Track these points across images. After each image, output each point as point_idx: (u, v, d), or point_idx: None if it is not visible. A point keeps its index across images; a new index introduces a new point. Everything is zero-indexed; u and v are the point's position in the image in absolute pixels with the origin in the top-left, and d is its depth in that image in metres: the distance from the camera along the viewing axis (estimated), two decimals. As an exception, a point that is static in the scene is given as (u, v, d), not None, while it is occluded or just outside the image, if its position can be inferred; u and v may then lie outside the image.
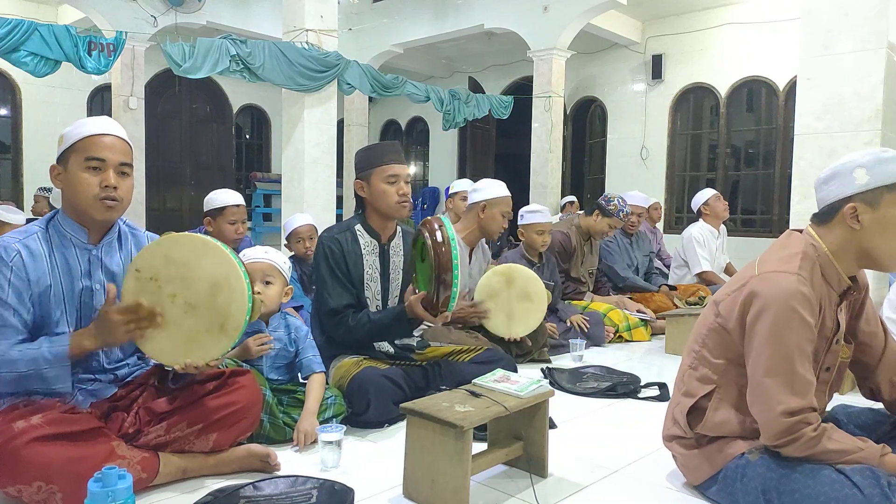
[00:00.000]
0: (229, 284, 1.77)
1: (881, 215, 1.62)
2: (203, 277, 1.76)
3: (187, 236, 1.84)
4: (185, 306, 1.76)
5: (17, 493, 1.61)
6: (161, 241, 1.81)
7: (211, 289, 1.76)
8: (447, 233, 2.22)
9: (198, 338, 1.77)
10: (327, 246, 2.53)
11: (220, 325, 1.77)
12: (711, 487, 1.79)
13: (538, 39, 8.65)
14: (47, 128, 9.13)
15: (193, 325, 1.76)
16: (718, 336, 1.76)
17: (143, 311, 1.72)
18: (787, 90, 8.28)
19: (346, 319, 2.47)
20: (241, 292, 1.77)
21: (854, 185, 1.64)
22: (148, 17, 7.94)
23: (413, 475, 1.83)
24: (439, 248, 2.18)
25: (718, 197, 5.10)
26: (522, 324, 3.36)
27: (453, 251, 2.19)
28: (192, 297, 1.76)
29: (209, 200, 3.47)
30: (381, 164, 2.54)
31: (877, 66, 3.50)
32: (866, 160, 1.63)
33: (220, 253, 1.79)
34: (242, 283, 1.78)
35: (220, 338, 1.77)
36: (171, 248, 1.78)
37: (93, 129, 1.79)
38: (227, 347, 1.80)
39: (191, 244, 1.80)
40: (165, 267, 1.76)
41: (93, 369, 1.86)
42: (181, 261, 1.77)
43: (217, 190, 3.56)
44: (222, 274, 1.77)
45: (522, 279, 3.35)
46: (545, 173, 8.68)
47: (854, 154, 1.68)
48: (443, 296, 2.22)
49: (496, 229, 3.41)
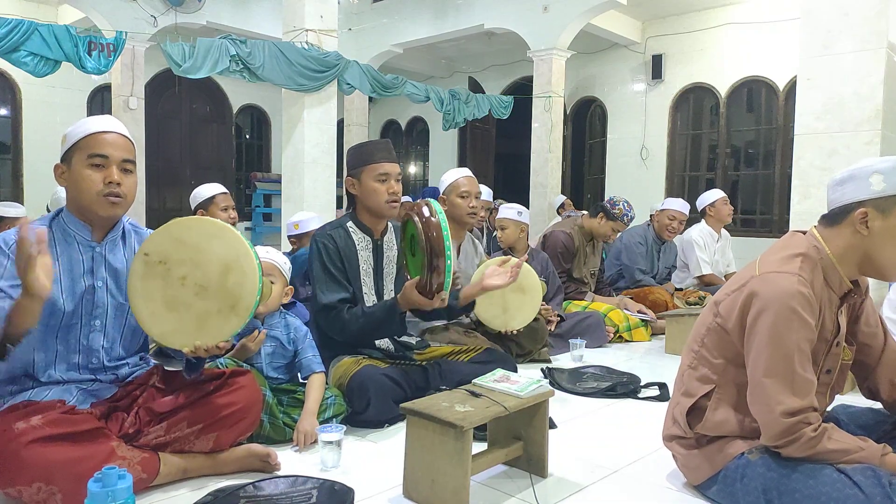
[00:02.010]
0: (240, 266, 1.77)
1: (891, 224, 1.62)
2: (214, 260, 1.77)
3: (198, 219, 1.85)
4: (195, 288, 1.76)
5: (17, 493, 1.61)
6: (171, 224, 1.81)
7: (222, 270, 1.77)
8: (437, 214, 2.18)
9: (209, 319, 1.77)
10: (321, 243, 2.53)
11: (231, 306, 1.77)
12: (711, 487, 1.79)
13: (538, 39, 8.65)
14: (47, 128, 9.14)
15: (204, 307, 1.77)
16: (718, 336, 1.76)
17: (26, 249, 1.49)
18: (787, 90, 8.28)
19: (340, 314, 2.47)
20: (252, 273, 1.78)
21: (869, 191, 1.63)
22: (148, 17, 7.94)
23: (413, 475, 1.83)
24: (430, 231, 2.14)
25: (726, 200, 5.09)
26: (517, 316, 3.35)
27: (444, 233, 2.15)
28: (203, 279, 1.76)
29: (196, 196, 3.60)
30: (372, 162, 2.54)
31: (877, 66, 3.50)
32: (885, 167, 1.62)
33: (232, 235, 1.80)
34: (253, 264, 1.78)
35: (230, 318, 1.77)
36: (182, 231, 1.79)
37: (96, 126, 1.80)
38: (237, 328, 1.80)
39: (202, 227, 1.81)
40: (176, 250, 1.76)
41: (93, 367, 1.86)
42: (192, 244, 1.77)
43: (199, 186, 3.69)
44: (233, 256, 1.77)
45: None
46: (545, 173, 8.68)
47: (872, 159, 1.67)
48: (436, 279, 2.20)
49: (461, 213, 3.27)
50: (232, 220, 3.54)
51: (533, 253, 4.10)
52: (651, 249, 4.93)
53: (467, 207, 3.29)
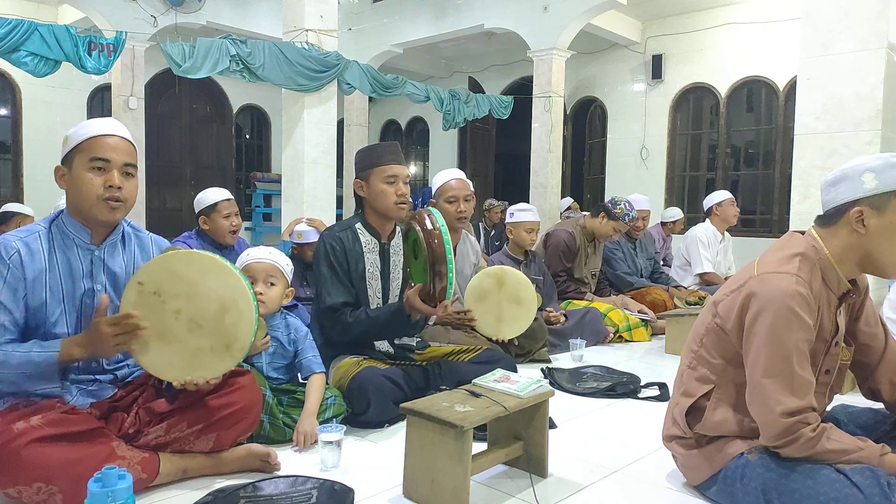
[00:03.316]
0: (238, 307, 1.78)
1: (888, 221, 1.62)
2: (211, 297, 1.76)
3: (196, 254, 1.84)
4: (189, 324, 1.76)
5: (17, 493, 1.61)
6: (167, 256, 1.80)
7: (219, 309, 1.77)
8: (437, 223, 2.23)
9: (201, 356, 1.77)
10: (329, 244, 2.53)
11: (226, 345, 1.78)
12: (711, 487, 1.79)
13: (538, 39, 8.65)
14: (47, 128, 9.13)
15: (198, 344, 1.77)
16: (717, 336, 1.76)
17: (132, 323, 1.68)
18: (787, 90, 8.28)
19: (343, 316, 2.47)
20: (249, 315, 1.78)
21: (862, 189, 1.63)
22: (148, 17, 7.94)
23: (413, 475, 1.83)
24: (432, 239, 2.20)
25: (733, 202, 5.14)
26: (511, 326, 3.35)
27: (445, 241, 2.20)
28: (198, 315, 1.76)
29: (200, 200, 3.55)
30: (380, 165, 2.55)
31: (877, 66, 3.51)
32: (876, 164, 1.62)
33: (230, 274, 1.80)
34: (251, 306, 1.79)
35: (224, 358, 1.79)
36: (176, 264, 1.77)
37: (97, 129, 1.80)
38: (230, 367, 1.82)
39: (198, 263, 1.79)
40: (169, 283, 1.75)
41: (93, 370, 1.86)
42: (186, 278, 1.76)
43: (204, 190, 3.64)
44: (231, 296, 1.77)
45: (514, 283, 3.34)
46: (545, 173, 8.68)
47: (863, 157, 1.67)
48: (439, 286, 2.24)
49: (451, 219, 3.26)
50: (235, 227, 3.49)
51: (531, 255, 4.10)
52: (626, 251, 5.01)
53: (455, 212, 3.31)
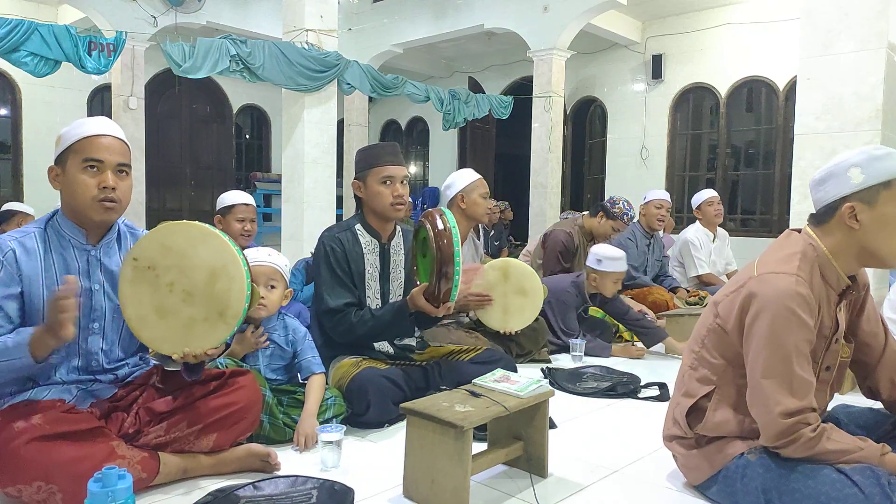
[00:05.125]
0: (227, 272, 1.75)
1: (879, 213, 1.62)
2: (200, 266, 1.75)
3: (184, 224, 1.81)
4: (182, 294, 1.75)
5: (17, 493, 1.61)
6: (158, 229, 1.79)
7: (209, 277, 1.75)
8: (449, 224, 2.24)
9: (196, 326, 1.75)
10: (328, 245, 2.53)
11: (218, 312, 1.75)
12: (711, 487, 1.79)
13: (538, 39, 8.65)
14: (47, 128, 9.12)
15: (191, 314, 1.75)
16: (717, 336, 1.76)
17: (62, 304, 1.56)
18: (787, 90, 8.28)
19: (347, 317, 2.47)
20: (240, 280, 1.76)
21: (850, 185, 1.64)
22: (148, 17, 7.94)
23: (413, 475, 1.83)
24: (441, 240, 2.20)
25: (711, 202, 5.05)
26: (518, 318, 3.37)
27: (455, 243, 2.20)
28: (190, 285, 1.75)
29: (220, 200, 3.62)
30: (378, 165, 2.55)
31: (877, 66, 3.51)
32: (860, 159, 1.63)
33: (219, 241, 1.78)
34: (241, 271, 1.76)
35: (218, 325, 1.76)
36: (167, 236, 1.76)
37: (90, 129, 1.79)
38: (226, 336, 1.78)
39: (187, 233, 1.78)
40: (162, 256, 1.74)
41: (93, 369, 1.86)
42: (177, 249, 1.75)
43: (229, 191, 3.72)
44: (220, 262, 1.75)
45: (518, 274, 3.38)
46: (545, 173, 8.68)
47: (846, 153, 1.67)
48: (444, 287, 2.24)
49: (482, 212, 3.44)
50: (247, 232, 3.50)
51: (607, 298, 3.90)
52: (641, 247, 4.93)
53: (487, 207, 3.48)
